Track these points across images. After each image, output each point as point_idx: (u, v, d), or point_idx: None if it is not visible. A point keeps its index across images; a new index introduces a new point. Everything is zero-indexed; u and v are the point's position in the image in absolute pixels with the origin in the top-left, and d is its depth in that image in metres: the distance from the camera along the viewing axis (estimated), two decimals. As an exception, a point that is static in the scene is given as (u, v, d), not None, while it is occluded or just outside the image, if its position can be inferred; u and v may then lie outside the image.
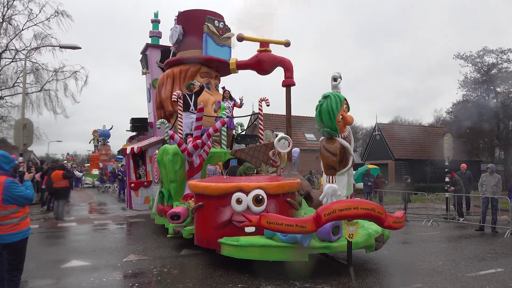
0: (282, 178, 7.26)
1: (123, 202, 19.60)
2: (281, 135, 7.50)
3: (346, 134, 6.39)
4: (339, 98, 6.10)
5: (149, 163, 11.64)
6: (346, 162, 6.33)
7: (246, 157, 9.44)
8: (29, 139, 14.50)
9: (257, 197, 6.28)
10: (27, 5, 22.49)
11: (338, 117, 6.05)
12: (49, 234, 10.48)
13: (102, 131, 33.64)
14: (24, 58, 18.71)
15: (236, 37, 9.11)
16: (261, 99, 10.36)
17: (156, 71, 13.48)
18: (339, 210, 5.28)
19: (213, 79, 12.08)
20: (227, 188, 6.36)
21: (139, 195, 11.74)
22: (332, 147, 6.13)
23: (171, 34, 12.09)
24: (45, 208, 15.59)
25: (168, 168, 9.09)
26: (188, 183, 6.80)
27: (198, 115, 8.86)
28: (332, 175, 6.12)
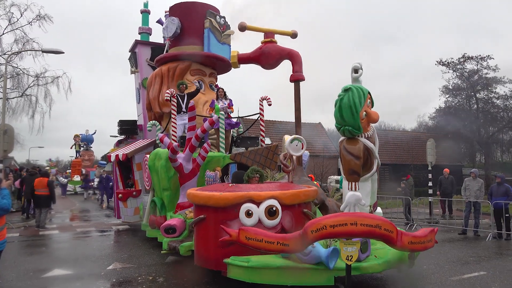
0: (296, 185, 6.29)
1: (108, 209, 19.02)
2: (293, 136, 6.47)
3: (370, 133, 5.49)
4: (363, 91, 5.21)
5: (137, 171, 10.68)
6: (370, 166, 5.44)
7: (247, 162, 8.59)
8: (10, 145, 14.06)
9: (270, 209, 5.32)
10: (9, 9, 22.16)
11: (362, 113, 5.12)
12: (30, 243, 10.08)
13: (85, 136, 32.07)
14: (4, 63, 18.36)
15: (238, 26, 8.23)
16: (263, 98, 9.34)
17: (146, 70, 12.44)
18: (330, 226, 4.25)
19: (206, 76, 10.89)
20: (235, 198, 5.35)
21: (128, 205, 10.73)
22: (355, 149, 5.18)
23: (165, 27, 10.95)
24: (25, 215, 14.92)
25: (161, 174, 8.20)
26: (187, 193, 5.93)
27: (190, 114, 7.88)
28: (355, 181, 5.16)
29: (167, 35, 10.85)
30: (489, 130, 27.98)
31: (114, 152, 11.50)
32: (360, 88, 5.24)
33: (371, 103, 5.41)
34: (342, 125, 5.24)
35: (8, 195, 4.71)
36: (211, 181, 7.77)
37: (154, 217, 8.42)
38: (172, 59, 10.75)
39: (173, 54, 10.78)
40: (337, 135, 44.72)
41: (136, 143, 11.56)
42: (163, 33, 11.02)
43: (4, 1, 21.64)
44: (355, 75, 5.70)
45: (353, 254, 4.54)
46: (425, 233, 4.62)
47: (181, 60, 10.54)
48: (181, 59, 10.55)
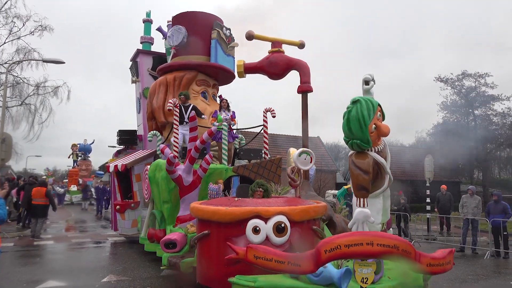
0: (304, 200, 6.04)
1: (104, 220, 18.91)
2: (301, 149, 6.23)
3: (381, 147, 5.24)
4: (372, 103, 5.00)
5: (136, 182, 10.43)
6: (381, 182, 5.20)
7: (250, 174, 8.34)
8: (7, 154, 13.98)
9: (279, 225, 5.06)
10: (11, 19, 22.40)
11: (371, 126, 4.91)
12: (24, 253, 9.91)
13: (83, 145, 31.87)
14: (5, 71, 18.47)
15: (246, 35, 7.95)
16: (266, 110, 9.17)
17: (147, 79, 12.26)
18: (345, 245, 3.98)
19: (210, 87, 10.83)
20: (242, 213, 5.09)
21: (125, 218, 10.44)
22: (364, 163, 4.96)
23: (170, 35, 10.74)
24: (21, 225, 14.65)
25: (161, 186, 7.92)
26: (190, 206, 5.71)
27: (191, 125, 7.66)
28: (363, 198, 4.93)
29: (172, 44, 10.66)
30: (487, 147, 28.07)
31: (113, 163, 11.24)
32: (369, 100, 5.05)
33: (381, 115, 5.20)
34: (350, 139, 5.05)
35: (3, 205, 4.64)
36: (214, 194, 7.49)
37: (153, 231, 8.14)
38: (177, 68, 10.59)
39: (181, 63, 10.60)
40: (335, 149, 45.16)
41: (135, 153, 11.38)
42: (168, 41, 10.81)
43: (7, 11, 21.91)
44: (366, 87, 5.57)
45: (369, 276, 4.28)
46: (444, 255, 4.34)
47: (188, 70, 10.42)
48: (188, 69, 10.43)
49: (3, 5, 21.84)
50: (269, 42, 8.20)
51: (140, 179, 10.33)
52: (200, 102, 10.21)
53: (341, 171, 42.82)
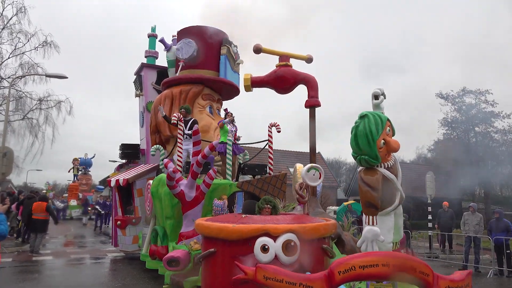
0: (313, 218, 5.86)
1: (103, 235, 18.85)
2: (310, 165, 6.05)
3: (391, 163, 5.06)
4: (380, 118, 4.88)
5: (138, 197, 10.24)
6: (391, 199, 5.04)
7: (254, 190, 8.15)
8: (8, 168, 14.01)
9: (288, 244, 4.81)
10: (16, 34, 22.70)
11: (379, 141, 4.80)
12: (22, 268, 9.81)
13: (83, 159, 31.84)
14: (8, 86, 18.64)
15: (253, 48, 7.82)
16: (271, 124, 9.07)
17: (151, 93, 12.21)
18: (360, 266, 3.78)
19: (215, 102, 10.76)
20: (250, 231, 4.84)
21: (126, 234, 10.22)
22: (372, 180, 4.81)
23: (179, 47, 10.62)
24: (20, 240, 14.55)
25: (164, 201, 7.72)
26: (196, 223, 5.55)
27: (195, 138, 7.50)
28: (372, 215, 4.80)
29: (181, 57, 10.55)
30: (488, 164, 28.02)
31: (115, 177, 11.07)
32: (378, 115, 4.92)
33: (391, 130, 5.05)
34: (358, 154, 4.95)
35: (4, 221, 4.57)
36: (219, 210, 7.29)
37: (155, 247, 7.92)
38: (183, 81, 10.54)
39: (188, 76, 10.55)
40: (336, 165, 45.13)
41: (137, 168, 11.24)
42: (176, 53, 10.69)
43: (12, 27, 22.22)
44: (375, 102, 5.41)
45: None
46: (463, 277, 4.14)
47: (194, 84, 10.38)
48: (194, 83, 10.40)
49: (7, 21, 22.19)
50: (276, 55, 8.08)
51: (142, 194, 10.17)
52: (206, 117, 10.13)
53: (342, 187, 42.70)
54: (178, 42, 10.89)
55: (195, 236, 6.97)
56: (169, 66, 11.30)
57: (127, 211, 10.80)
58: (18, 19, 22.29)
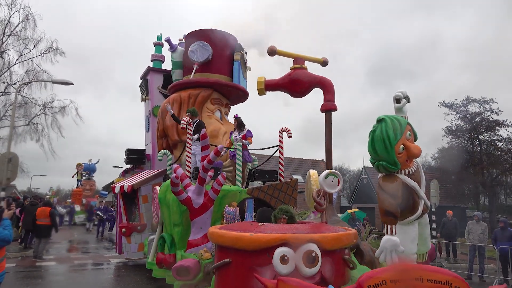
0: (333, 227, 5.52)
1: (107, 241, 18.64)
2: (328, 171, 5.73)
3: (413, 169, 4.77)
4: (399, 122, 4.62)
5: (143, 204, 9.98)
6: (414, 208, 4.71)
7: (265, 197, 7.86)
8: (13, 173, 14.08)
9: (310, 254, 4.44)
10: (22, 41, 22.95)
11: (398, 147, 4.53)
12: (26, 274, 9.78)
13: (87, 165, 31.74)
14: (14, 92, 18.80)
15: (268, 50, 7.55)
16: (282, 130, 8.71)
17: (157, 98, 11.92)
18: (391, 280, 3.51)
19: (223, 107, 10.48)
20: (269, 240, 4.49)
21: (131, 241, 9.90)
22: (391, 187, 4.55)
23: (194, 50, 10.23)
24: (23, 245, 14.42)
25: (172, 208, 7.44)
26: (209, 232, 5.26)
27: (204, 143, 7.18)
28: (390, 224, 4.49)
29: (196, 59, 10.17)
30: (493, 172, 27.87)
31: (119, 183, 10.76)
32: (396, 119, 4.67)
33: (412, 135, 4.77)
34: (376, 160, 4.72)
35: (9, 226, 4.54)
36: (231, 218, 6.96)
37: (163, 255, 7.59)
38: (184, 86, 10.28)
39: (185, 81, 10.30)
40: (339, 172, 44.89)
41: (143, 173, 10.94)
42: (190, 55, 10.27)
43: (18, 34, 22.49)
44: (397, 105, 5.19)
45: None
46: None
47: (203, 88, 10.09)
48: (203, 87, 10.15)
49: (14, 28, 22.46)
50: (291, 58, 7.81)
51: (147, 200, 9.92)
52: (215, 121, 9.85)
53: (346, 195, 42.53)
54: (190, 44, 10.49)
55: (204, 244, 6.73)
56: (174, 67, 10.97)
57: (132, 218, 10.58)
58: (24, 26, 22.58)
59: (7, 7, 21.96)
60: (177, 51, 10.88)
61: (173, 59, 11.00)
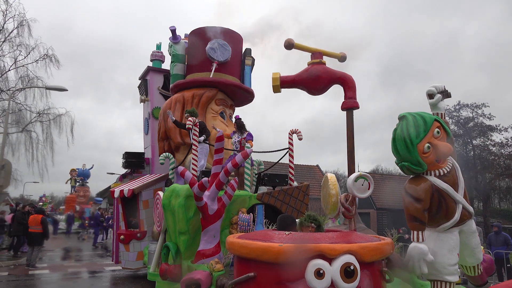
0: (366, 235, 4.94)
1: (102, 249, 18.03)
2: (357, 173, 5.23)
3: (445, 170, 4.28)
4: (423, 119, 4.20)
5: (143, 210, 9.36)
6: (449, 213, 4.22)
7: (276, 203, 7.37)
8: (6, 180, 13.62)
9: (347, 267, 3.92)
10: (16, 47, 22.49)
11: (422, 145, 4.11)
12: (19, 283, 9.42)
13: (81, 170, 30.90)
14: (7, 98, 18.32)
15: (285, 43, 7.02)
16: (292, 131, 8.18)
17: (157, 99, 11.30)
18: None
19: (228, 108, 9.99)
20: (301, 252, 3.99)
21: (130, 249, 9.24)
22: (416, 189, 4.12)
23: (214, 47, 9.68)
24: (12, 253, 13.93)
25: (178, 215, 6.76)
26: (227, 241, 4.71)
27: (218, 145, 6.55)
28: (417, 230, 4.11)
29: (216, 58, 9.65)
30: (486, 176, 27.89)
31: (118, 187, 10.08)
32: (420, 116, 4.26)
33: (441, 132, 4.31)
34: (399, 161, 4.32)
35: None
36: (246, 225, 6.39)
37: (167, 266, 6.91)
38: (187, 86, 9.80)
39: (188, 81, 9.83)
40: (335, 178, 44.06)
41: (143, 178, 10.28)
42: (209, 53, 9.67)
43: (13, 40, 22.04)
44: (430, 101, 4.71)
45: None
46: None
47: (208, 88, 9.63)
48: (208, 86, 9.74)
49: (9, 34, 22.02)
50: (308, 52, 7.27)
51: (148, 206, 9.31)
52: (219, 123, 9.38)
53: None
54: (198, 40, 9.96)
55: (217, 255, 6.18)
56: (176, 60, 10.30)
57: (130, 224, 9.89)
58: (19, 32, 22.14)
59: (2, 13, 21.53)
60: (180, 44, 10.29)
61: (175, 51, 10.30)
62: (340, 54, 7.50)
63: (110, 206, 29.07)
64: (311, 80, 7.11)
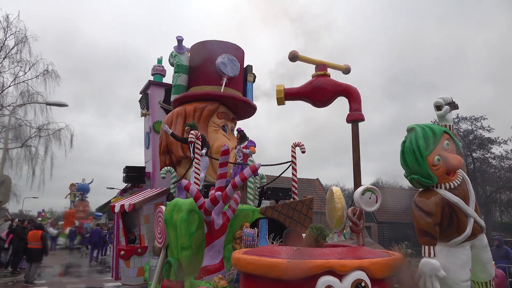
0: (376, 250, 4.81)
1: (101, 265, 17.85)
2: (365, 186, 5.09)
3: (456, 183, 4.18)
4: (432, 131, 4.12)
5: (144, 224, 9.18)
6: (460, 227, 4.11)
7: (279, 217, 7.22)
8: (6, 196, 13.48)
9: (358, 284, 3.81)
10: (17, 63, 22.56)
11: (432, 158, 4.04)
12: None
13: (81, 185, 30.52)
14: (7, 114, 18.28)
15: (289, 55, 6.99)
16: (295, 144, 8.05)
17: (158, 113, 11.23)
18: None
19: (229, 121, 9.89)
20: (311, 268, 3.80)
21: (130, 265, 9.02)
22: (426, 203, 4.03)
23: (224, 62, 9.65)
24: (10, 269, 13.72)
25: (180, 230, 6.60)
26: (233, 257, 4.57)
27: (223, 159, 6.46)
28: (429, 245, 3.99)
29: (227, 73, 9.64)
30: (486, 189, 27.80)
31: (119, 202, 9.91)
32: (429, 127, 4.18)
33: (451, 144, 4.24)
34: (408, 174, 4.24)
35: None
36: (250, 241, 6.20)
37: (169, 282, 6.69)
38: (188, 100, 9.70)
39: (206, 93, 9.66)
40: (335, 191, 43.81)
41: (144, 192, 10.16)
42: (221, 67, 9.64)
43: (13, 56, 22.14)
44: (438, 113, 4.66)
45: None
46: None
47: (210, 101, 9.52)
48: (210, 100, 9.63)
49: (9, 50, 22.14)
50: (313, 64, 7.26)
51: (149, 220, 9.13)
52: (221, 136, 9.25)
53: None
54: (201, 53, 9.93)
55: (221, 271, 6.01)
56: (180, 70, 10.18)
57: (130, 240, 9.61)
58: (19, 49, 22.27)
59: (3, 30, 21.70)
60: (185, 55, 10.24)
61: (180, 62, 10.20)
62: (344, 66, 7.47)
63: (109, 221, 28.79)
64: (316, 92, 7.08)
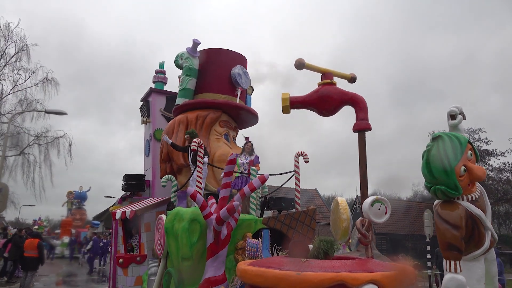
0: (386, 263, 4.69)
1: (98, 275, 17.49)
2: (374, 197, 4.97)
3: (476, 195, 4.05)
4: (459, 140, 3.98)
5: (144, 232, 9.04)
6: (479, 241, 3.97)
7: (282, 227, 7.13)
8: (3, 204, 13.38)
9: None
10: (17, 71, 22.59)
11: (459, 168, 3.85)
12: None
13: (78, 193, 30.05)
14: (7, 122, 18.22)
15: (295, 63, 6.92)
16: (298, 154, 7.94)
17: (159, 120, 11.19)
18: None
19: (231, 130, 9.83)
20: (322, 280, 3.67)
21: (128, 273, 8.82)
22: (453, 216, 3.83)
23: (240, 73, 9.78)
24: (5, 278, 13.48)
25: (181, 239, 6.43)
26: (238, 269, 4.44)
27: (228, 169, 6.35)
28: (454, 260, 3.77)
29: (242, 85, 9.81)
30: (484, 201, 27.79)
31: (120, 209, 9.74)
32: (455, 136, 4.03)
33: (473, 155, 4.12)
34: (432, 184, 4.00)
35: None
36: (255, 251, 6.08)
37: None
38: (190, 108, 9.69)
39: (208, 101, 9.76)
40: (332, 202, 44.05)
41: (145, 200, 10.03)
42: (237, 79, 9.77)
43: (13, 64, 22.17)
44: (451, 122, 4.59)
45: None
46: None
47: (212, 109, 9.52)
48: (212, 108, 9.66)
49: (10, 58, 22.18)
50: (319, 73, 7.20)
51: (150, 229, 8.98)
52: (223, 145, 9.19)
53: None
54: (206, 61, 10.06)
55: (225, 282, 5.88)
56: (191, 74, 10.07)
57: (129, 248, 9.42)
58: (19, 57, 22.31)
59: (4, 38, 21.75)
60: (196, 59, 10.14)
61: (192, 65, 10.03)
62: (350, 75, 7.41)
63: (106, 230, 28.47)
64: (322, 101, 7.01)
